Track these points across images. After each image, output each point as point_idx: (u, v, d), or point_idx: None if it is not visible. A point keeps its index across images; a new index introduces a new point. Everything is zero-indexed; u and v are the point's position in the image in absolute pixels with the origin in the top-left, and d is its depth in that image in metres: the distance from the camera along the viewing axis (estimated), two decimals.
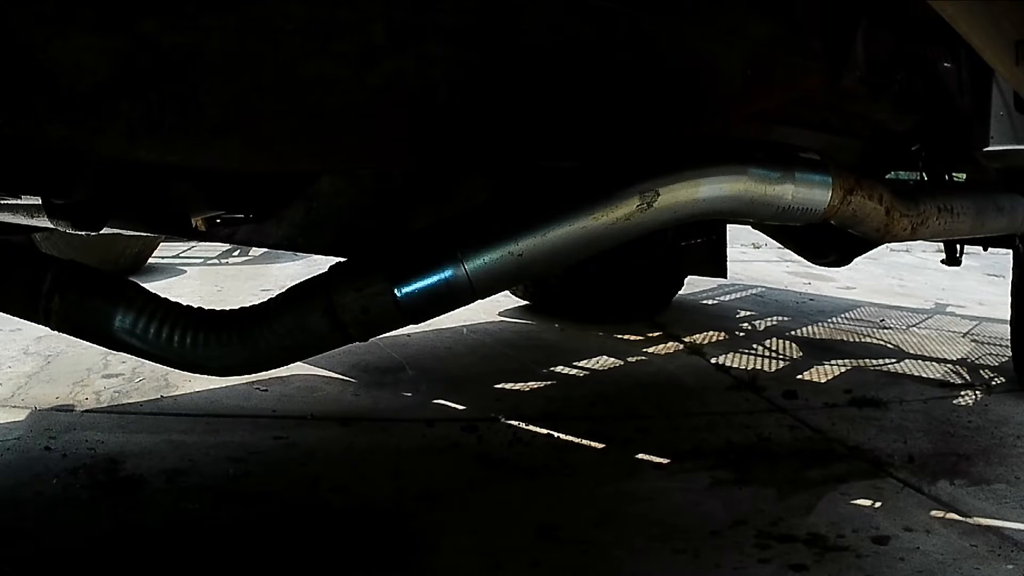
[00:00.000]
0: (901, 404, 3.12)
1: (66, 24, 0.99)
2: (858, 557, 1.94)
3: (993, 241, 3.25)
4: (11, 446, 2.39)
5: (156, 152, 1.14)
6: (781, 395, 3.16)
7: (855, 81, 1.99)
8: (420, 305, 1.36)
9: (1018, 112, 2.25)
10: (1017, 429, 2.88)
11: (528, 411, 2.89)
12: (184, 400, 2.85)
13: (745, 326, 4.46)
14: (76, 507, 2.04)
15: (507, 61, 1.38)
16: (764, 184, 1.52)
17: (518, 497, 2.24)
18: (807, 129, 2.30)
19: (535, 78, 1.43)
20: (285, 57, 1.15)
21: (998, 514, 2.20)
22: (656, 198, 1.42)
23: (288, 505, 2.12)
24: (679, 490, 2.30)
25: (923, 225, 2.00)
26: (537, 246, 1.37)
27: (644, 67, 1.56)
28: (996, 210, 2.37)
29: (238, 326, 1.40)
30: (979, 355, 3.95)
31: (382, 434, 2.64)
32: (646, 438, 2.70)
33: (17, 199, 1.69)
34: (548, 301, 4.42)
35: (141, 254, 5.19)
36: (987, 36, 1.33)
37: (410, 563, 1.88)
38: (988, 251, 3.61)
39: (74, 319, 1.38)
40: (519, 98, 1.45)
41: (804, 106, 2.18)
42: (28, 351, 3.38)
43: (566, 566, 1.89)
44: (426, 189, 1.77)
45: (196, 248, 6.19)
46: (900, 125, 2.55)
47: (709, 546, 1.98)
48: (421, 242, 1.40)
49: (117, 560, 1.83)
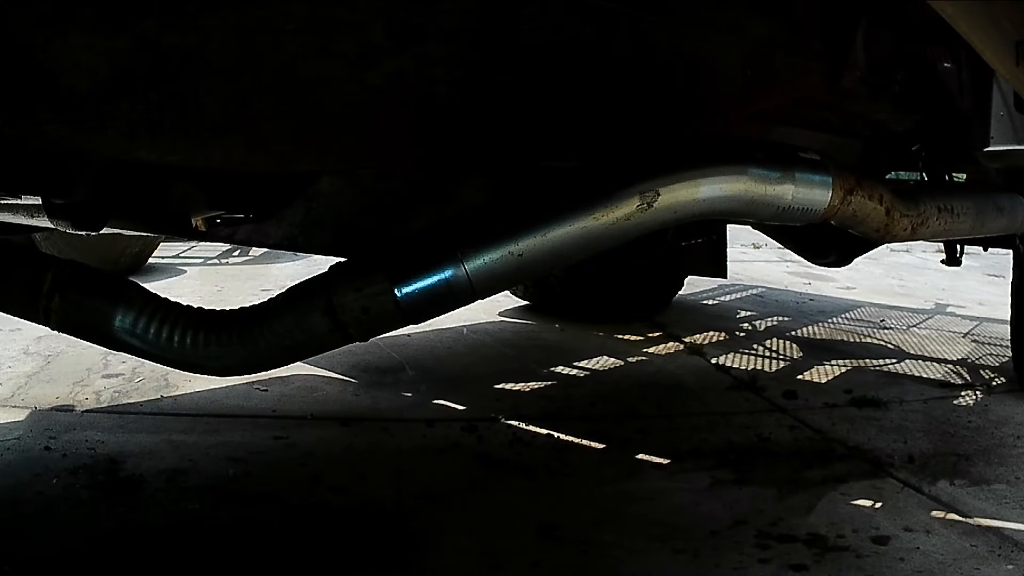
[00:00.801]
0: (901, 404, 3.12)
1: (66, 24, 0.99)
2: (858, 557, 1.94)
3: (993, 241, 3.25)
4: (11, 446, 2.39)
5: (156, 152, 1.14)
6: (781, 395, 3.16)
7: (855, 81, 1.99)
8: (420, 305, 1.36)
9: (1018, 112, 2.25)
10: (1017, 429, 2.88)
11: (528, 411, 2.89)
12: (184, 400, 2.85)
13: (745, 326, 4.46)
14: (76, 507, 2.04)
15: (507, 61, 1.38)
16: (764, 184, 1.52)
17: (518, 497, 2.24)
18: (807, 129, 2.30)
19: (535, 78, 1.43)
20: (285, 57, 1.15)
21: (998, 514, 2.20)
22: (656, 198, 1.42)
23: (288, 505, 2.12)
24: (679, 490, 2.30)
25: (923, 225, 1.99)
26: (537, 246, 1.37)
27: (644, 67, 1.55)
28: (996, 210, 2.37)
29: (238, 326, 1.40)
30: (979, 355, 3.95)
31: (382, 434, 2.64)
32: (646, 438, 2.70)
33: (17, 199, 1.69)
34: (548, 301, 4.42)
35: (141, 254, 5.19)
36: (987, 36, 1.33)
37: (410, 563, 1.88)
38: (988, 251, 3.61)
39: (74, 319, 1.38)
40: (519, 98, 1.45)
41: (804, 106, 2.18)
42: (28, 351, 3.38)
43: (566, 566, 1.89)
44: (426, 189, 1.77)
45: (196, 248, 6.19)
46: (900, 125, 2.54)
47: (709, 546, 1.98)
48: (421, 242, 1.40)
49: (117, 560, 1.83)
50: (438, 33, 1.27)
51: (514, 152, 1.60)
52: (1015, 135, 2.28)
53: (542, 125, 1.53)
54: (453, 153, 1.51)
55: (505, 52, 1.37)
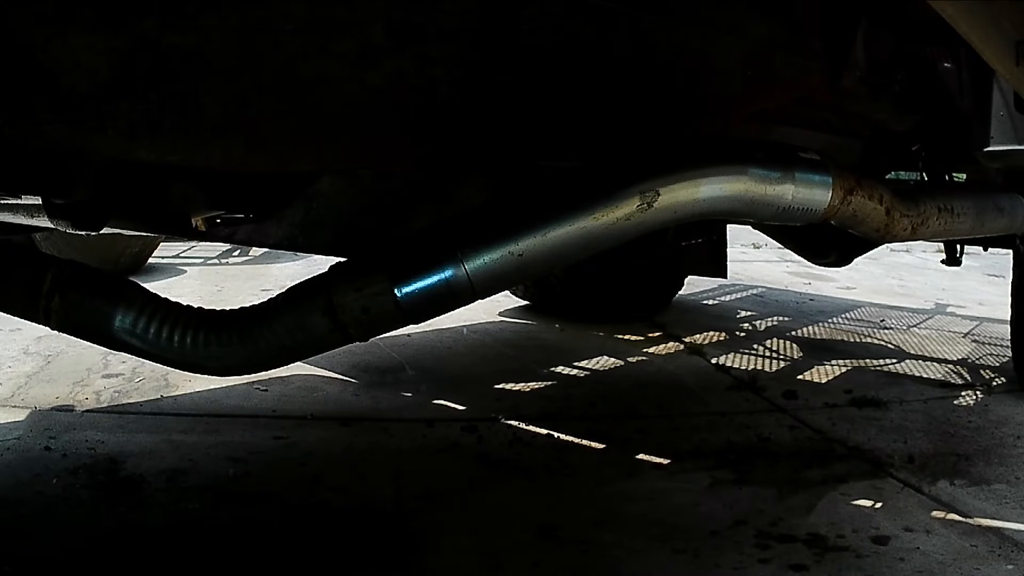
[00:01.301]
0: (901, 404, 3.12)
1: (66, 24, 0.99)
2: (858, 557, 1.94)
3: (993, 241, 3.25)
4: (11, 446, 2.39)
5: (156, 152, 1.14)
6: (781, 395, 3.16)
7: (855, 81, 1.98)
8: (420, 305, 1.36)
9: (1018, 112, 2.25)
10: (1017, 429, 2.88)
11: (528, 411, 2.89)
12: (184, 400, 2.85)
13: (745, 326, 4.46)
14: (76, 507, 2.04)
15: (507, 61, 1.38)
16: (764, 184, 1.52)
17: (518, 497, 2.24)
18: (807, 129, 2.30)
19: (535, 78, 1.43)
20: (285, 57, 1.15)
21: (998, 514, 2.20)
22: (656, 198, 1.42)
23: (288, 505, 2.12)
24: (679, 490, 2.30)
25: (923, 225, 1.99)
26: (537, 246, 1.37)
27: (644, 67, 1.55)
28: (996, 210, 2.37)
29: (238, 326, 1.40)
30: (979, 355, 3.95)
31: (382, 434, 2.64)
32: (646, 438, 2.70)
33: (17, 199, 1.69)
34: (548, 301, 4.42)
35: (141, 254, 5.19)
36: (987, 36, 1.33)
37: (410, 563, 1.88)
38: (988, 251, 3.61)
39: (74, 319, 1.38)
40: (519, 98, 1.45)
41: (804, 106, 2.18)
42: (28, 351, 3.38)
43: (566, 566, 1.89)
44: (426, 189, 1.77)
45: (196, 248, 6.19)
46: (900, 125, 2.54)
47: (709, 546, 1.98)
48: (421, 242, 1.40)
49: (117, 560, 1.83)
50: (438, 33, 1.27)
51: (514, 152, 1.60)
52: (1015, 135, 2.28)
53: (542, 125, 1.53)
54: (453, 153, 1.51)
55: (505, 52, 1.37)
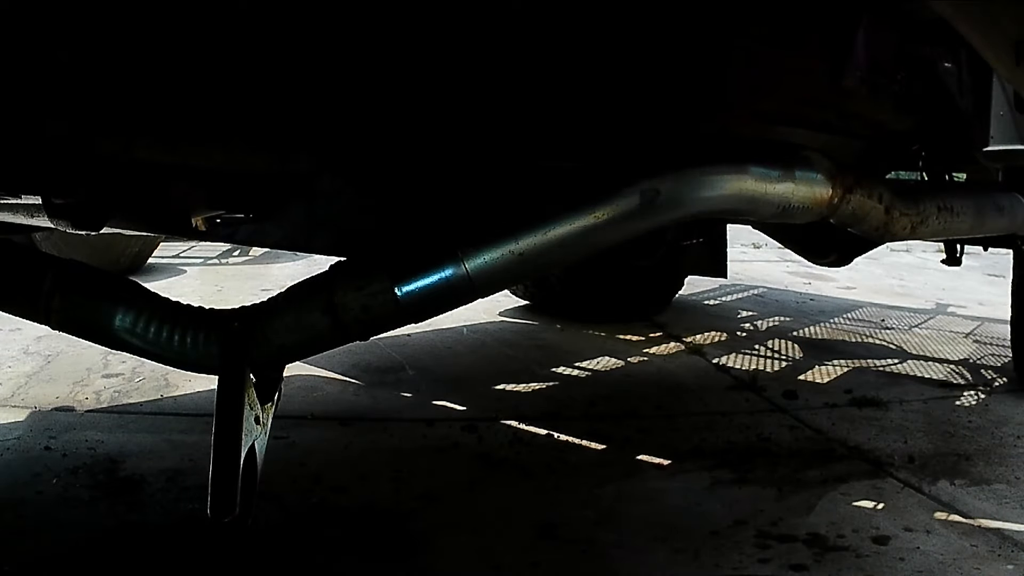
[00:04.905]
0: (902, 404, 3.12)
1: None
2: (858, 557, 1.94)
3: (993, 241, 3.24)
4: (11, 446, 2.39)
5: (156, 152, 1.14)
6: (781, 395, 3.16)
7: (856, 81, 1.98)
8: (421, 304, 1.36)
9: (1018, 112, 2.25)
10: (1017, 429, 2.88)
11: (528, 411, 2.89)
12: (184, 400, 2.85)
13: (746, 326, 4.46)
14: (76, 507, 2.04)
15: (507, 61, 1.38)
16: (764, 183, 1.52)
17: (518, 497, 2.24)
18: (807, 129, 2.30)
19: (535, 78, 1.43)
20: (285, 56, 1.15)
21: (998, 514, 2.20)
22: (657, 197, 1.42)
23: (288, 505, 2.12)
24: (679, 490, 2.30)
25: (923, 224, 1.99)
26: (538, 245, 1.37)
27: (644, 67, 1.55)
28: (996, 210, 2.37)
29: None
30: (980, 355, 3.95)
31: (382, 434, 2.64)
32: (646, 438, 2.70)
33: (17, 199, 1.69)
34: (548, 301, 4.42)
35: (141, 254, 5.19)
36: (987, 36, 1.33)
37: (410, 563, 1.88)
38: (988, 251, 3.60)
39: (75, 318, 1.38)
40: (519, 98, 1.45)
41: (804, 106, 2.17)
42: (28, 351, 3.38)
43: (566, 566, 1.89)
44: (426, 189, 1.77)
45: (196, 248, 6.19)
46: (900, 125, 2.54)
47: (709, 546, 1.98)
48: (421, 241, 1.40)
49: (117, 560, 1.83)
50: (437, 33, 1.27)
51: (514, 152, 1.60)
52: (1015, 135, 2.28)
53: (542, 125, 1.53)
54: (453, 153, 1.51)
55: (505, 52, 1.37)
